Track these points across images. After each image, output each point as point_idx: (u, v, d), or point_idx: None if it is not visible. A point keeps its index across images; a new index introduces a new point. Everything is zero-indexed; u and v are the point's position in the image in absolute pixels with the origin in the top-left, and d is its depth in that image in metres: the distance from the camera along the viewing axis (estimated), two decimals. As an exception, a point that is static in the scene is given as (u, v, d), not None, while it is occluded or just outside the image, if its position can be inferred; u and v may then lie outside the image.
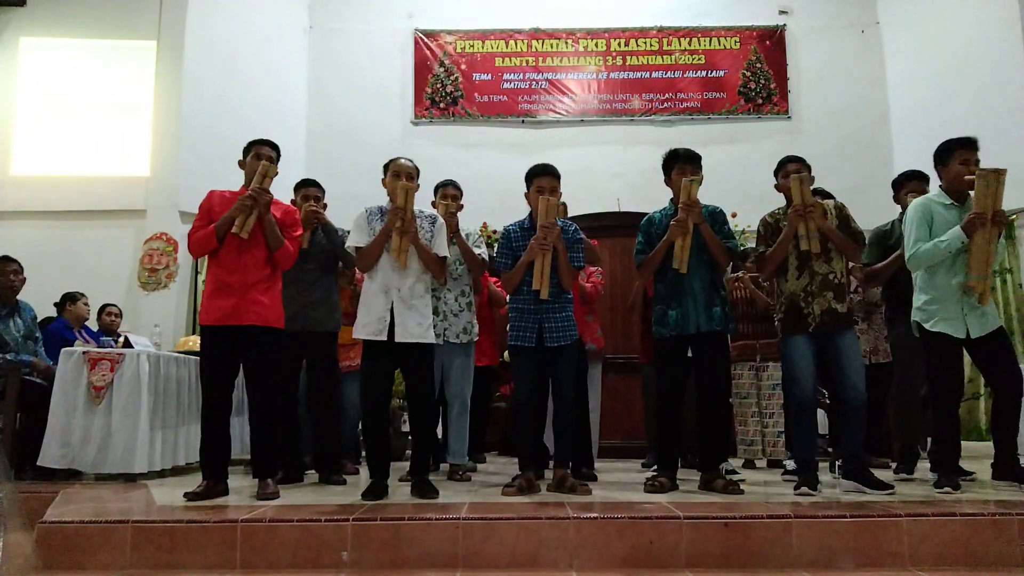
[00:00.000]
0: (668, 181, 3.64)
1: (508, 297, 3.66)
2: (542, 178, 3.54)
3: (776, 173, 3.61)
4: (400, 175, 3.44)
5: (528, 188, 3.58)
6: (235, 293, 3.34)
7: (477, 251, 4.10)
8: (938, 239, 3.37)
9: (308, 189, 4.18)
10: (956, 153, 3.47)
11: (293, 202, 4.09)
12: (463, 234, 4.11)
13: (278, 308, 3.49)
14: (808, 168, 3.54)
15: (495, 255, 3.71)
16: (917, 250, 3.41)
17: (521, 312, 3.51)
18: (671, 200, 3.65)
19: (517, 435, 3.57)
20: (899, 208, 4.09)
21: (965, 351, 3.50)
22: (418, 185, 3.57)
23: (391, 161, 3.55)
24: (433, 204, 4.15)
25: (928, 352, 3.51)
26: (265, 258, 3.43)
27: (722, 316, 3.47)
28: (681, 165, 3.57)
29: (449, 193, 4.18)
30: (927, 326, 3.44)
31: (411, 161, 3.56)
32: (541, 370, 3.51)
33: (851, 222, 3.50)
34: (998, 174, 3.28)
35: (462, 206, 4.25)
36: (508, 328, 3.58)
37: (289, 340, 3.76)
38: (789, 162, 3.55)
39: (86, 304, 5.38)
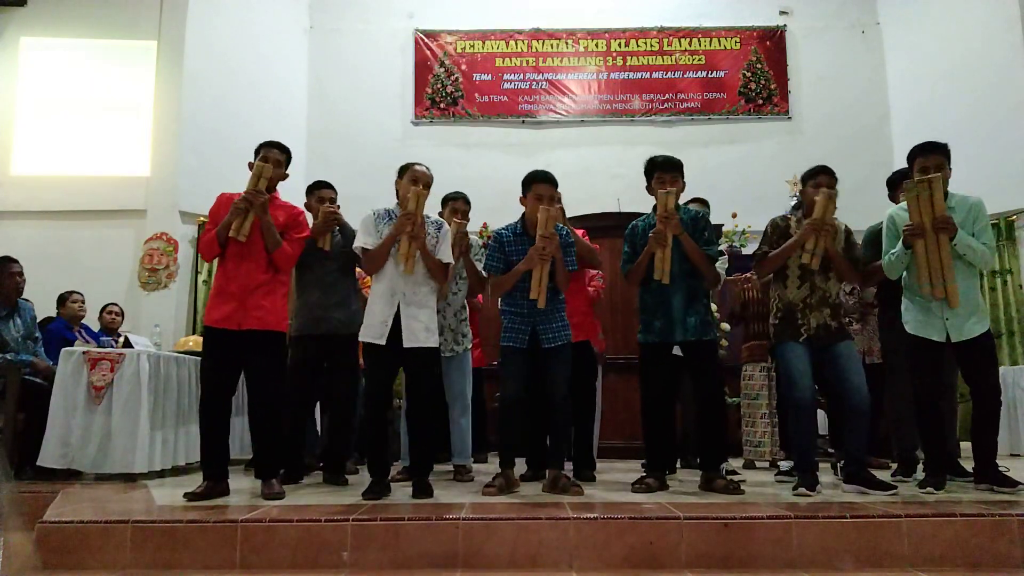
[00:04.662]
0: (649, 189, 3.62)
1: (500, 300, 3.65)
2: (541, 185, 3.49)
3: (805, 180, 3.57)
4: (417, 181, 3.41)
5: (525, 193, 3.55)
6: (235, 298, 3.34)
7: (477, 265, 4.03)
8: (890, 252, 3.45)
9: (323, 191, 4.14)
10: (916, 160, 3.49)
11: (307, 205, 4.07)
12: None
13: (280, 312, 3.49)
14: (836, 182, 3.51)
15: (486, 257, 3.69)
16: (883, 262, 3.53)
17: (514, 315, 3.52)
18: (653, 208, 3.64)
19: (502, 434, 3.58)
20: (894, 207, 4.08)
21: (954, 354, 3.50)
22: (428, 193, 3.57)
23: (408, 165, 3.51)
24: (440, 214, 4.07)
25: (909, 355, 3.53)
26: (267, 262, 3.43)
27: (696, 326, 3.46)
28: (660, 174, 3.54)
29: (460, 208, 4.11)
30: (908, 329, 3.48)
31: (429, 170, 3.53)
32: (534, 371, 3.51)
33: (855, 248, 3.52)
34: (929, 183, 3.30)
35: (470, 219, 4.23)
36: (501, 330, 3.57)
37: (312, 343, 3.83)
38: (823, 173, 3.50)
39: (75, 303, 5.30)
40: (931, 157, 3.43)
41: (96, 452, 4.02)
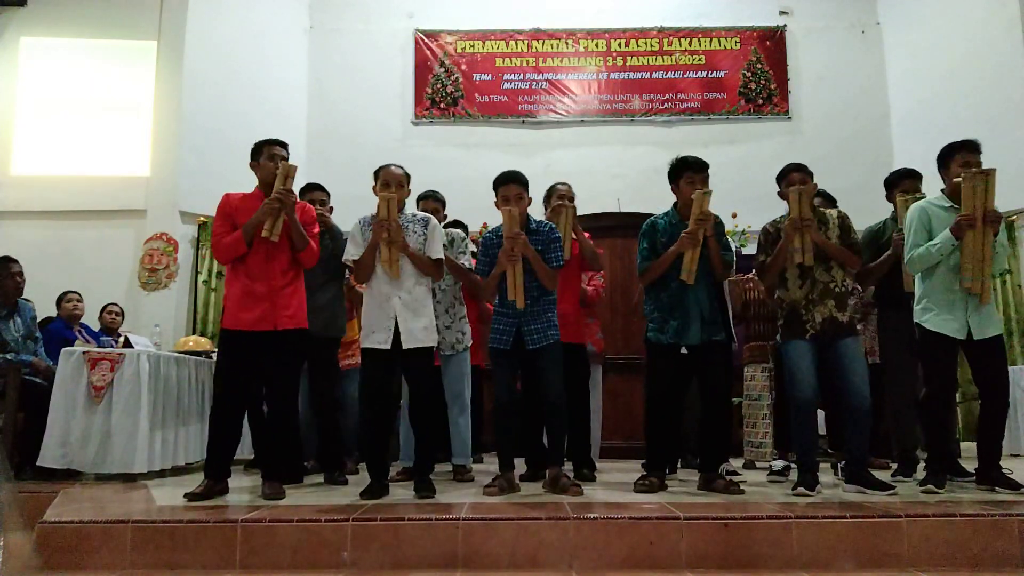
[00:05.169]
0: (675, 188, 3.61)
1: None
2: (507, 186, 3.51)
3: (779, 180, 3.58)
4: (389, 184, 3.41)
5: (496, 197, 3.55)
6: (265, 299, 3.35)
7: (461, 257, 4.06)
8: (930, 243, 3.40)
9: (313, 193, 4.17)
10: (957, 156, 3.49)
11: None
12: (446, 240, 4.06)
13: (305, 308, 3.51)
14: (811, 176, 3.51)
15: (476, 262, 3.69)
16: (913, 254, 3.45)
17: (500, 315, 3.52)
18: (673, 205, 3.63)
19: (497, 436, 3.57)
20: (892, 207, 4.08)
21: (962, 353, 3.49)
22: (409, 190, 3.56)
23: (381, 168, 3.52)
24: None
25: (923, 352, 3.52)
26: (289, 261, 3.44)
27: (712, 325, 3.47)
28: (691, 175, 3.53)
29: (430, 207, 4.09)
30: (928, 326, 3.43)
31: (401, 168, 3.53)
32: (524, 372, 3.50)
33: (851, 232, 3.50)
34: (986, 175, 3.30)
35: (446, 216, 4.23)
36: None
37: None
38: (793, 171, 3.52)
39: (70, 302, 5.30)
40: (975, 155, 3.47)
41: (96, 452, 4.02)
